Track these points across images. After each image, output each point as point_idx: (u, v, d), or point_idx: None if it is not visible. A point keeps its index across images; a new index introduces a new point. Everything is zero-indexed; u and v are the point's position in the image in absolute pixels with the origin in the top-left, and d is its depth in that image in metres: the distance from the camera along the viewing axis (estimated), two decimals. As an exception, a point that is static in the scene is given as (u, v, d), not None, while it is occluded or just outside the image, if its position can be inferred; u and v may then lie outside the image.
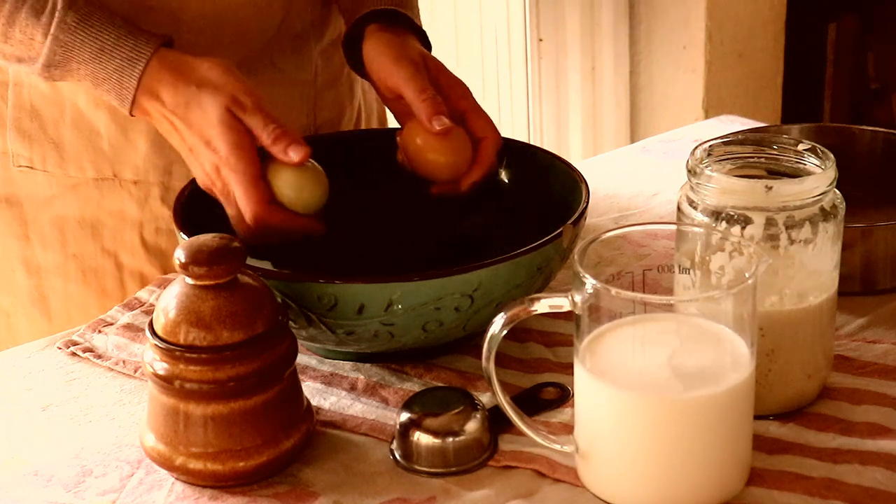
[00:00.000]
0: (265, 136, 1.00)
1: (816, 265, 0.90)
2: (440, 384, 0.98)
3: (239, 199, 1.00)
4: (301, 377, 0.96)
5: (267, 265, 1.05)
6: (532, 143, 1.85)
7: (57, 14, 1.04)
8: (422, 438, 0.88)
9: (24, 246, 1.22)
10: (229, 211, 1.02)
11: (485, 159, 1.09)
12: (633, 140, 2.52)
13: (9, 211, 1.21)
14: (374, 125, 1.39)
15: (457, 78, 1.12)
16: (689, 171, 0.91)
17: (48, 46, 1.04)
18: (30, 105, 1.17)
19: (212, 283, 0.86)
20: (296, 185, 1.01)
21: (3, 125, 1.19)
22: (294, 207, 1.02)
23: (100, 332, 1.07)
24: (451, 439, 0.88)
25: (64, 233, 1.21)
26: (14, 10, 1.04)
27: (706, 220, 0.90)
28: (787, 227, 0.88)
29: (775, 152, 0.93)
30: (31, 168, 1.19)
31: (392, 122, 1.40)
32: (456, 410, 0.89)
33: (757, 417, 0.86)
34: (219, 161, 1.00)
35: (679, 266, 0.90)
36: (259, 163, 1.00)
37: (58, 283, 1.22)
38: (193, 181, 1.08)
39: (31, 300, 1.23)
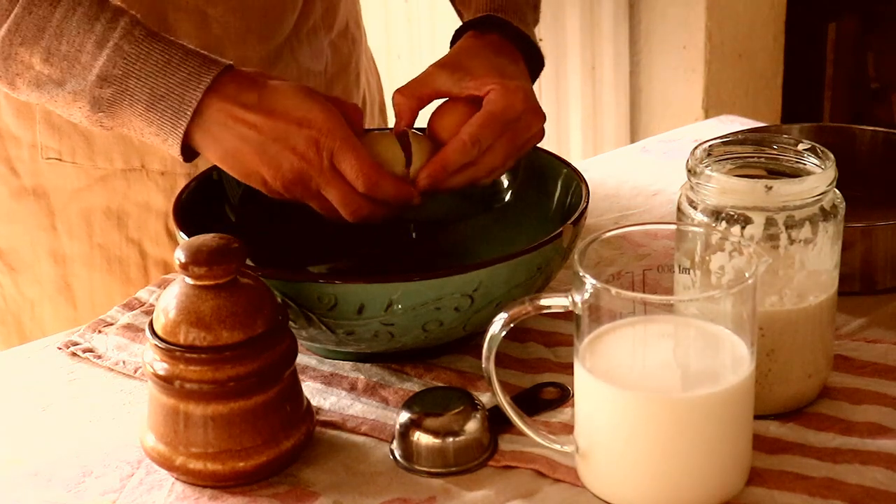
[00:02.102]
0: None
1: (816, 265, 0.90)
2: (440, 384, 0.98)
3: (350, 166, 0.96)
4: (301, 377, 0.96)
5: (267, 265, 1.05)
6: (532, 143, 1.85)
7: (122, 25, 0.98)
8: (422, 438, 0.88)
9: (50, 236, 1.23)
10: (331, 193, 0.97)
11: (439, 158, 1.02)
12: (633, 140, 2.52)
13: (36, 202, 1.22)
14: (377, 115, 1.40)
15: (497, 97, 1.01)
16: (688, 170, 0.91)
17: (107, 56, 0.97)
18: None
19: (212, 283, 0.86)
20: (415, 153, 1.01)
21: (33, 118, 1.19)
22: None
23: (100, 332, 1.07)
24: (451, 439, 0.88)
25: (90, 223, 1.22)
26: (64, 18, 0.98)
27: (706, 220, 0.90)
28: (787, 227, 0.88)
29: (775, 152, 0.93)
30: (60, 160, 1.20)
31: (390, 116, 1.41)
32: (456, 410, 0.89)
33: (757, 417, 0.86)
34: (317, 133, 0.95)
35: (679, 266, 0.90)
36: None
37: (83, 273, 1.23)
38: (194, 181, 1.08)
39: (56, 289, 1.24)
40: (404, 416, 0.89)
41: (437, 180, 1.00)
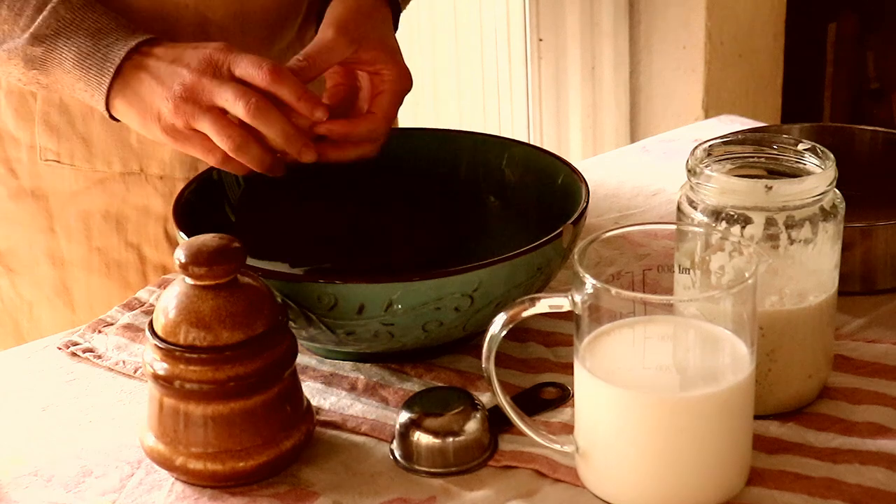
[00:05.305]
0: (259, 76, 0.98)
1: (816, 265, 0.90)
2: (440, 384, 0.98)
3: (250, 62, 0.98)
4: (301, 377, 0.96)
5: (267, 265, 1.05)
6: (532, 143, 1.85)
7: None
8: (422, 438, 0.88)
9: (49, 238, 1.23)
10: (226, 94, 0.98)
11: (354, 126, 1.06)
12: (633, 140, 2.52)
13: (35, 204, 1.22)
14: None
15: (392, 77, 1.07)
16: (689, 170, 0.91)
17: (44, 16, 1.03)
18: (59, 99, 1.18)
19: (212, 283, 0.86)
20: None
21: (32, 119, 1.20)
22: None
23: (100, 332, 1.07)
24: (451, 439, 0.88)
25: (89, 226, 1.22)
26: None
27: (706, 219, 0.90)
28: (787, 227, 0.88)
29: (775, 152, 0.93)
30: (59, 162, 1.20)
31: (398, 116, 1.41)
32: (456, 410, 0.89)
33: (757, 417, 0.86)
34: (212, 51, 0.99)
35: (679, 266, 0.90)
36: None
37: (81, 276, 1.23)
38: (194, 181, 1.08)
39: (54, 292, 1.24)
40: (404, 416, 0.89)
41: (337, 137, 1.04)
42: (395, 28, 1.15)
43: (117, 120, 1.06)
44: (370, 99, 1.07)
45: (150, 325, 0.88)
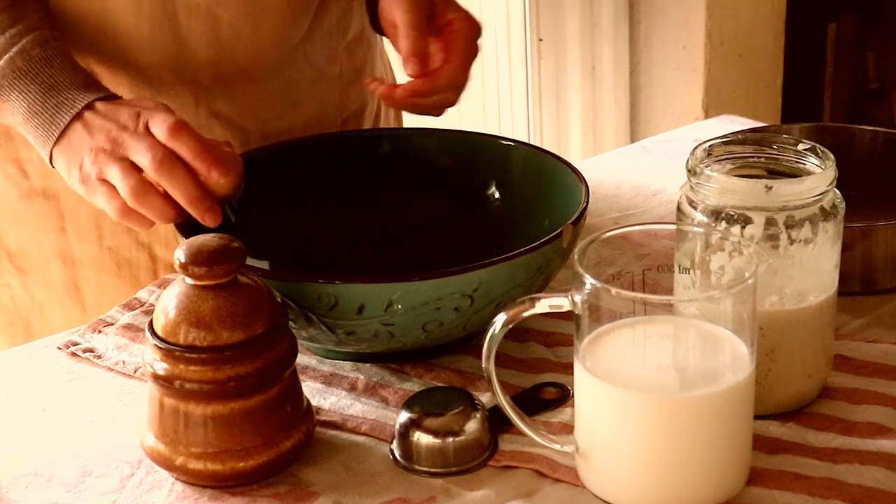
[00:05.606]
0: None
1: (816, 265, 0.90)
2: (440, 384, 0.98)
3: (161, 119, 0.99)
4: (301, 377, 0.96)
5: (267, 265, 1.05)
6: (532, 143, 1.85)
7: (23, 42, 1.05)
8: (422, 438, 0.88)
9: (60, 238, 1.23)
10: (138, 147, 0.98)
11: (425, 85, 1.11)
12: (633, 140, 2.52)
13: (46, 204, 1.22)
14: (392, 118, 1.39)
15: (463, 26, 1.13)
16: (689, 170, 0.91)
17: (0, 66, 1.04)
18: None
19: (212, 283, 0.86)
20: None
21: None
22: None
23: (100, 332, 1.07)
24: (451, 439, 0.88)
25: (100, 225, 1.22)
26: None
27: (706, 219, 0.90)
28: (787, 227, 0.88)
29: (775, 152, 0.93)
30: None
31: (405, 117, 1.41)
32: (456, 410, 0.89)
33: (757, 417, 0.86)
34: (141, 108, 1.01)
35: (679, 266, 0.90)
36: None
37: (92, 275, 1.23)
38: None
39: (65, 291, 1.24)
40: (404, 416, 0.89)
41: (422, 96, 1.11)
42: None
43: None
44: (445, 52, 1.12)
45: (150, 325, 0.88)
